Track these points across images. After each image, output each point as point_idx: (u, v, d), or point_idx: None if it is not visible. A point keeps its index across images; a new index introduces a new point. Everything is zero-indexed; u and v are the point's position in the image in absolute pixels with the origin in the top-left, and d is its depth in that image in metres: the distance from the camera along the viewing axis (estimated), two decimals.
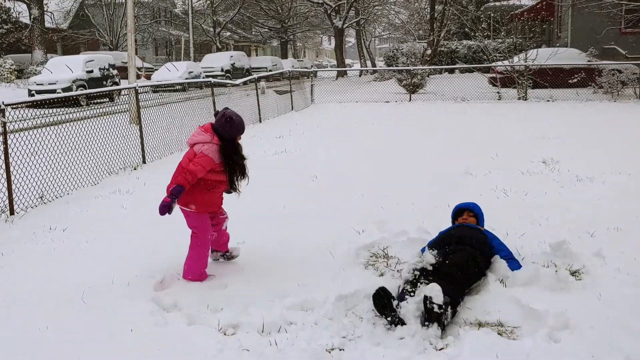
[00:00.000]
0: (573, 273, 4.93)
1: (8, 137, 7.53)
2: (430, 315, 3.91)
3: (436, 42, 35.10)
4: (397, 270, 5.07)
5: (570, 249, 5.24)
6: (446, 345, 3.82)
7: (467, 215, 5.57)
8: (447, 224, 6.04)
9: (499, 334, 3.93)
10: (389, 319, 4.08)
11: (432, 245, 5.05)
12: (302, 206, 7.26)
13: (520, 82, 21.88)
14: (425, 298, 3.94)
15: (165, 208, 4.70)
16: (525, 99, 21.48)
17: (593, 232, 5.87)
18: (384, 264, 5.31)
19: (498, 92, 22.11)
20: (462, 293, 4.24)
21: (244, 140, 5.16)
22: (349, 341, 3.93)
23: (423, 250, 5.16)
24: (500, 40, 29.57)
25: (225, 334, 4.04)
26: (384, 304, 4.13)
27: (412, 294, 4.24)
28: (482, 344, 3.74)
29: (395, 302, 4.15)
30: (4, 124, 7.44)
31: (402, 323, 4.02)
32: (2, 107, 7.40)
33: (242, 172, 5.07)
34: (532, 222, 6.29)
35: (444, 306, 3.93)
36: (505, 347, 3.70)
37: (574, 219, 6.39)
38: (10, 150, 7.51)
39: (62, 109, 10.26)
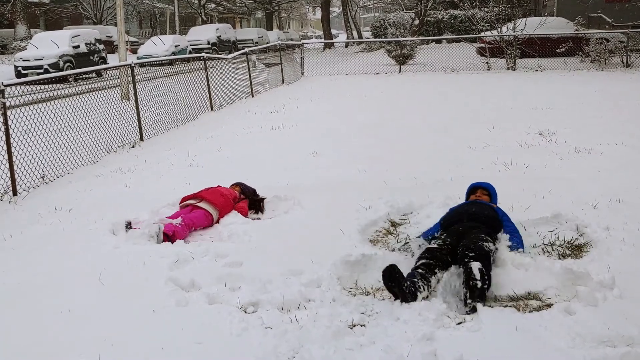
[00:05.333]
0: (581, 246, 5.06)
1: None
2: (474, 292, 3.99)
3: (424, 12, 34.94)
4: (405, 243, 5.17)
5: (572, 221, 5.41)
6: (464, 320, 3.91)
7: (481, 193, 5.66)
8: (451, 197, 6.16)
9: (514, 307, 4.03)
10: (398, 296, 4.15)
11: (444, 221, 5.13)
12: (306, 182, 7.30)
13: (509, 52, 21.94)
14: (469, 276, 4.02)
15: None
16: (514, 69, 21.59)
17: (596, 204, 5.97)
18: (395, 240, 5.40)
19: (487, 63, 22.19)
20: (489, 268, 4.32)
21: (239, 116, 5.22)
22: (369, 317, 4.00)
23: (431, 230, 5.26)
24: (487, 10, 29.48)
25: (246, 312, 4.09)
26: (392, 280, 4.18)
27: (425, 272, 4.32)
28: (500, 318, 3.84)
29: (404, 279, 4.19)
30: (4, 104, 7.40)
31: (414, 298, 4.11)
32: (2, 87, 7.35)
33: None
34: (536, 194, 6.38)
35: (487, 283, 4.04)
36: (522, 320, 3.80)
37: (575, 191, 6.48)
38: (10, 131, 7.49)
39: (50, 86, 10.20)
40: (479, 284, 4.00)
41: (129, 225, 5.80)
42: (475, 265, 4.08)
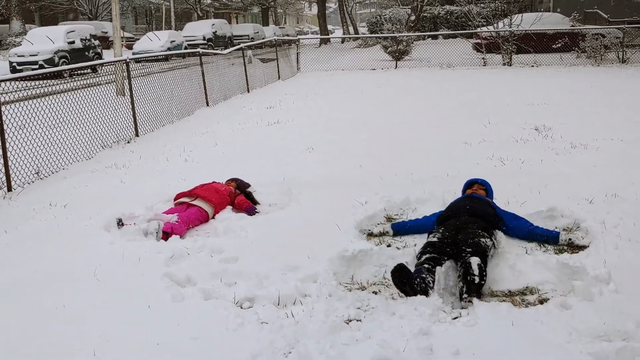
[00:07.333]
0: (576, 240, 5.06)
1: None
2: (470, 287, 3.98)
3: (420, 7, 34.90)
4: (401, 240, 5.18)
5: (568, 216, 5.42)
6: (460, 315, 3.91)
7: (478, 188, 5.67)
8: (447, 192, 6.15)
9: (511, 302, 4.03)
10: (409, 294, 4.10)
11: (442, 216, 5.12)
12: (302, 178, 7.28)
13: (505, 47, 21.93)
14: (467, 270, 4.00)
15: None
16: (510, 65, 21.60)
17: (592, 199, 5.97)
18: (391, 235, 5.39)
19: (483, 58, 22.19)
20: (486, 264, 4.31)
21: (235, 112, 5.20)
22: (365, 312, 4.00)
23: (430, 219, 5.26)
24: (483, 5, 29.48)
25: (242, 308, 4.09)
26: (404, 279, 4.12)
27: (431, 266, 4.31)
28: (496, 312, 3.83)
29: (414, 277, 4.14)
30: None
31: (426, 294, 4.06)
32: None
33: None
34: (532, 190, 6.38)
35: (484, 279, 4.02)
36: (518, 315, 3.80)
37: (571, 186, 6.48)
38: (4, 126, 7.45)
39: (45, 81, 10.17)
40: (477, 280, 3.99)
41: (120, 223, 5.77)
42: (475, 261, 4.06)
